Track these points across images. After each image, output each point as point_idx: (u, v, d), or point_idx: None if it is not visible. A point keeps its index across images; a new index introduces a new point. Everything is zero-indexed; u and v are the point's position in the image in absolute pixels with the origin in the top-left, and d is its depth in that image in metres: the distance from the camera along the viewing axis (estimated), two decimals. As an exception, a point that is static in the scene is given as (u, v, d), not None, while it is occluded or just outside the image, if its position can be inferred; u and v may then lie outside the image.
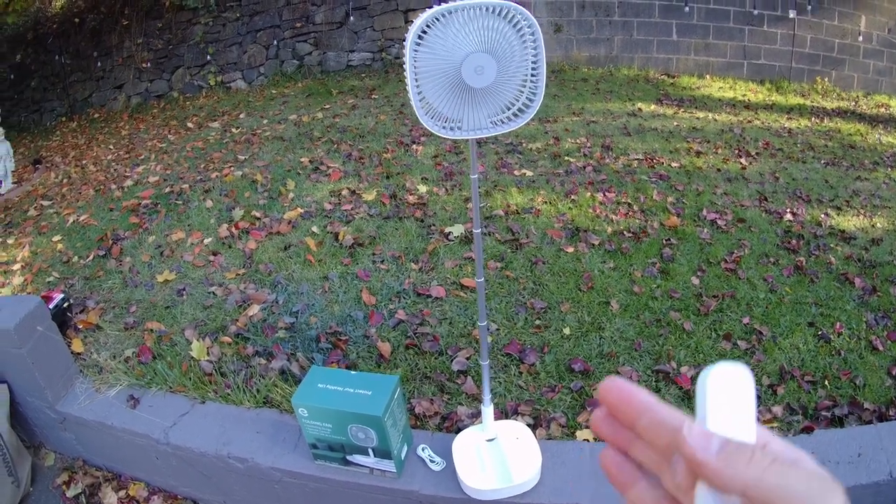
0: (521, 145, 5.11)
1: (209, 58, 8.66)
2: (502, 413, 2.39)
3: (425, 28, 1.36)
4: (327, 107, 6.68)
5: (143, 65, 8.85)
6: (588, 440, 2.25)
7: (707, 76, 7.98)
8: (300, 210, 4.04)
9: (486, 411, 2.03)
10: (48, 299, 3.01)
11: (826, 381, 2.55)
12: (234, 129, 6.29)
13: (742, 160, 5.08)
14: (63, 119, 9.30)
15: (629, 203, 4.05)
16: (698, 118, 6.24)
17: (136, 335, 2.99)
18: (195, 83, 8.76)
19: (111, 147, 6.85)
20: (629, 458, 0.43)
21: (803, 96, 7.74)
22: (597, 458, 2.16)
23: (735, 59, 8.01)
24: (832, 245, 3.68)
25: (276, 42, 8.47)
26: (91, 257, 3.84)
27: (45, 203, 5.22)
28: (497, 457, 2.03)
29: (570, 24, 7.93)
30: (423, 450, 2.16)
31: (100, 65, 9.19)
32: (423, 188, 4.26)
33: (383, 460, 2.04)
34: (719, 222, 3.82)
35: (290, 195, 4.30)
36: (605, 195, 4.14)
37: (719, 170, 4.79)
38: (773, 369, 2.61)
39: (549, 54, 1.42)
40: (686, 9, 7.77)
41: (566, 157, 4.84)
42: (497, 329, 2.86)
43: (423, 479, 2.09)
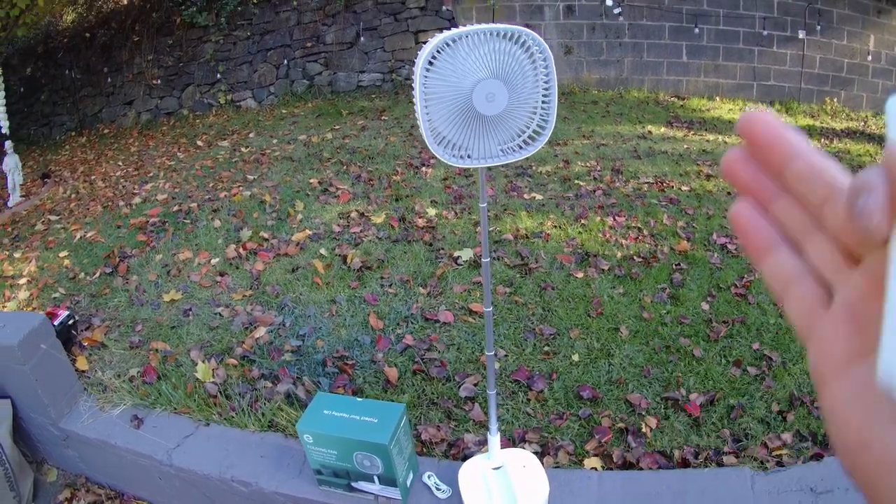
0: (530, 168, 5.10)
1: (219, 76, 8.69)
2: (510, 440, 2.36)
3: (435, 54, 1.34)
4: (337, 127, 6.69)
5: (154, 81, 8.90)
6: (596, 468, 2.22)
7: (717, 98, 7.97)
8: (308, 232, 4.03)
9: (493, 440, 2.01)
10: (53, 316, 2.99)
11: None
12: (243, 149, 6.30)
13: (752, 185, 5.04)
14: (72, 133, 9.33)
15: (639, 227, 4.03)
16: (708, 141, 6.22)
17: (142, 354, 2.97)
18: (205, 101, 8.80)
19: (120, 163, 6.87)
20: (768, 217, 0.34)
21: (813, 117, 7.72)
22: (605, 487, 2.14)
23: (745, 81, 8.00)
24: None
25: (286, 61, 8.51)
26: (97, 274, 3.84)
27: (53, 218, 5.23)
28: (504, 485, 2.00)
29: (581, 45, 7.94)
30: (428, 477, 2.13)
31: (110, 80, 9.24)
32: (432, 211, 4.25)
33: (388, 487, 2.01)
34: (729, 246, 3.79)
35: (299, 216, 4.30)
36: (615, 219, 4.12)
37: (729, 193, 4.76)
38: (783, 395, 2.58)
39: (559, 76, 1.42)
40: (696, 30, 7.78)
41: (576, 181, 4.82)
42: (505, 355, 2.83)
43: (428, 508, 2.06)
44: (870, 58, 8.02)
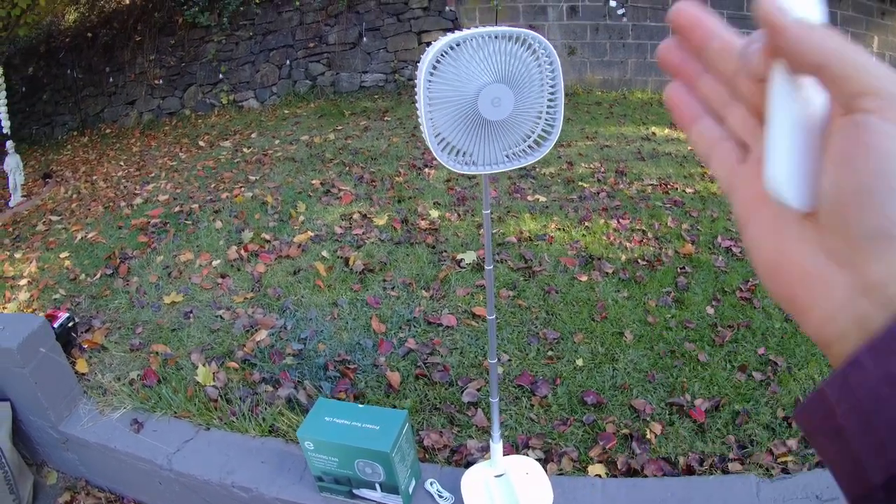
0: (534, 170, 5.08)
1: (222, 76, 8.68)
2: (513, 446, 2.33)
3: (439, 58, 1.31)
4: (339, 128, 6.67)
5: (156, 81, 8.88)
6: (600, 475, 2.19)
7: (720, 100, 7.95)
8: (310, 233, 4.01)
9: (495, 448, 1.98)
10: (53, 318, 2.97)
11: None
12: (245, 149, 6.28)
13: (756, 187, 5.02)
14: (74, 133, 9.32)
15: (643, 230, 4.00)
16: (712, 143, 6.19)
17: (142, 357, 2.95)
18: (207, 101, 8.79)
19: (122, 163, 6.86)
20: (695, 94, 0.41)
21: (817, 120, 7.70)
22: (609, 495, 2.12)
23: (749, 84, 7.99)
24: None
25: (288, 62, 8.50)
26: (98, 276, 3.82)
27: (54, 218, 5.21)
28: (507, 493, 1.98)
29: (584, 46, 7.92)
30: (431, 484, 2.11)
31: (112, 80, 9.23)
32: (435, 213, 4.22)
33: (390, 495, 1.99)
34: (734, 249, 3.76)
35: (301, 218, 4.28)
36: (619, 222, 4.09)
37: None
38: (789, 401, 2.55)
39: (563, 77, 1.40)
40: (700, 33, 7.76)
41: (580, 183, 4.80)
42: (509, 360, 2.81)
43: (431, 516, 2.04)
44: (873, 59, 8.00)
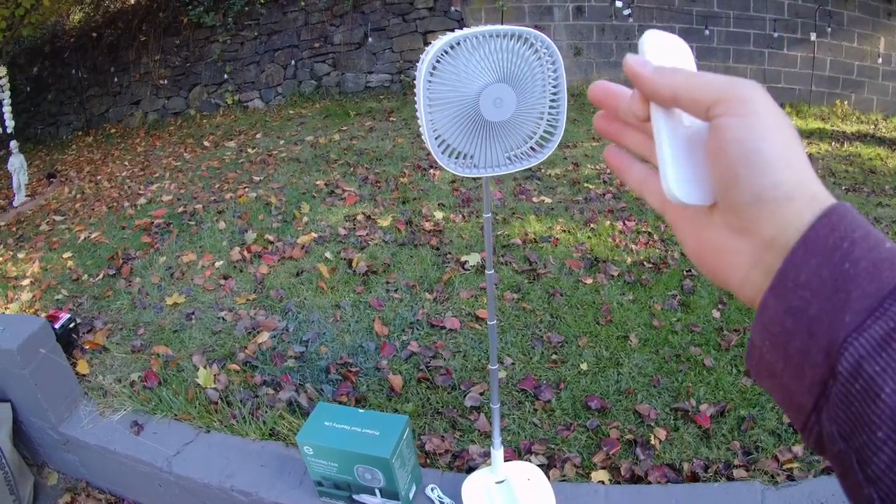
0: (539, 171, 5.05)
1: (227, 76, 8.68)
2: (515, 452, 2.31)
3: (439, 57, 1.28)
4: (344, 129, 6.66)
5: (161, 81, 8.89)
6: (603, 482, 2.16)
7: (727, 101, 7.91)
8: (314, 235, 3.99)
9: (496, 454, 1.96)
10: (54, 319, 2.96)
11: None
12: (250, 149, 6.27)
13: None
14: (79, 133, 9.33)
15: (649, 232, 3.97)
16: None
17: (143, 359, 2.93)
18: (212, 101, 8.78)
19: (126, 163, 6.86)
20: (625, 150, 0.50)
21: (823, 120, 7.65)
22: (612, 502, 2.09)
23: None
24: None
25: (294, 62, 8.49)
26: (101, 276, 3.81)
27: (58, 218, 5.21)
28: (508, 499, 1.96)
29: (590, 47, 7.89)
30: (432, 490, 2.09)
31: (117, 80, 9.24)
32: (439, 214, 4.20)
33: (390, 501, 1.96)
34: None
35: (305, 219, 4.26)
36: (624, 224, 4.06)
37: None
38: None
39: (568, 78, 1.39)
40: (706, 32, 7.72)
41: (586, 184, 4.77)
42: (512, 363, 2.78)
43: (432, 522, 2.02)
44: (880, 60, 7.94)
